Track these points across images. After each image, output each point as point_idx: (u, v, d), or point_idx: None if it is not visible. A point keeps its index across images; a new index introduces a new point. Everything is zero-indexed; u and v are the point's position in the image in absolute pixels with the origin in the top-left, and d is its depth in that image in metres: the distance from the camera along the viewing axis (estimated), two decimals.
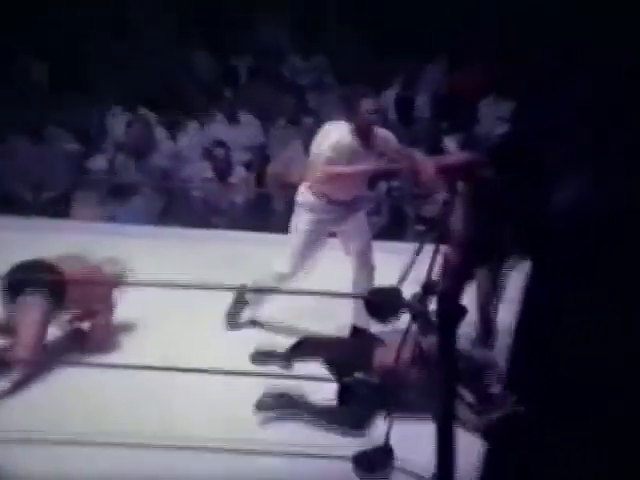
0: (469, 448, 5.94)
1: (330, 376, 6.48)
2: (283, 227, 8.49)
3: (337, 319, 7.11)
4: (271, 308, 7.24)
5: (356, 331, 7.18)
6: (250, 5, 10.75)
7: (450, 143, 7.08)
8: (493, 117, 8.95)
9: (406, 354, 6.15)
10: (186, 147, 9.81)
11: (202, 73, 10.49)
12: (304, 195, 6.99)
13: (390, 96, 10.15)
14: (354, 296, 6.38)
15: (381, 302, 5.80)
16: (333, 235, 7.24)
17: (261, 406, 6.25)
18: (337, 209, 7.00)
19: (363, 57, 10.30)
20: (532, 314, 7.25)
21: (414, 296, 6.16)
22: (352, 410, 6.25)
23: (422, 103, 10.20)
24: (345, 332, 7.09)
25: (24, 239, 8.10)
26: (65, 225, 8.82)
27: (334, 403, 6.24)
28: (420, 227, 8.43)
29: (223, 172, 9.44)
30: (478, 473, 5.97)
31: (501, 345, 6.88)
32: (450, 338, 5.45)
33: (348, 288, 6.94)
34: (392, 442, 5.87)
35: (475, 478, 5.89)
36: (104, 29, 10.17)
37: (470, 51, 9.52)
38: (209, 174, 9.48)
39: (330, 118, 9.82)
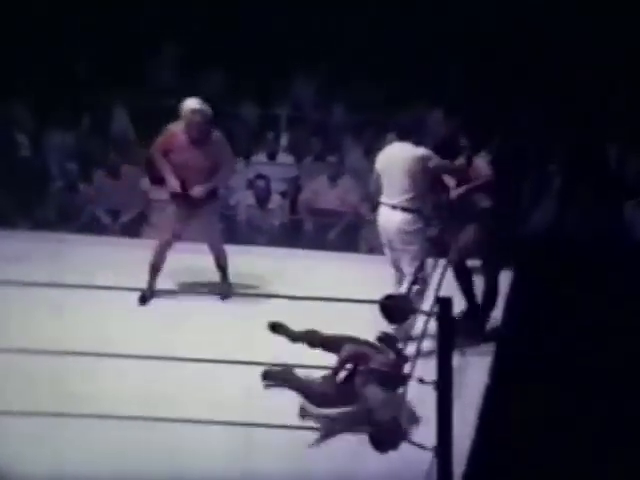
0: (464, 423, 5.91)
1: None
2: (311, 245, 8.60)
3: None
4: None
5: None
6: (287, 65, 10.78)
7: (480, 161, 6.96)
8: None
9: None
10: (233, 179, 9.84)
11: (249, 120, 10.55)
12: None
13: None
14: (372, 302, 6.35)
15: (393, 307, 5.78)
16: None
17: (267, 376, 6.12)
18: None
19: (378, 105, 10.28)
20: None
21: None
22: None
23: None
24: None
25: (105, 252, 8.20)
26: (138, 243, 8.84)
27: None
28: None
29: (263, 200, 9.49)
30: (472, 443, 5.98)
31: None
32: (448, 329, 5.39)
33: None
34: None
35: (469, 448, 5.93)
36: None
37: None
38: (252, 201, 9.52)
39: (350, 157, 9.97)
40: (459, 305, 6.91)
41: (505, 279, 7.40)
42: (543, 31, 10.12)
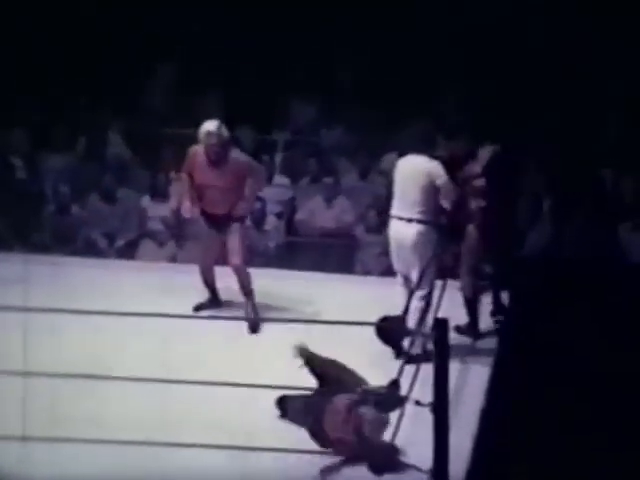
0: (461, 445, 5.90)
1: None
2: (307, 266, 8.60)
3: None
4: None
5: None
6: (285, 90, 10.82)
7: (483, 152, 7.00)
8: None
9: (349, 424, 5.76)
10: None
11: (245, 142, 10.58)
12: None
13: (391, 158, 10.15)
14: (367, 324, 6.34)
15: (389, 329, 5.78)
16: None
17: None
18: None
19: (373, 127, 10.31)
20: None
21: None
22: None
23: None
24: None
25: (101, 275, 8.19)
26: (134, 265, 8.85)
27: None
28: None
29: (259, 221, 9.49)
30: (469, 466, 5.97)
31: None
32: (444, 351, 5.42)
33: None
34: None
35: (466, 471, 5.92)
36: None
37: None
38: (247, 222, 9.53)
39: (346, 178, 9.99)
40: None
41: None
42: (540, 56, 10.17)
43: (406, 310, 6.51)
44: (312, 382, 6.21)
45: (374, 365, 6.53)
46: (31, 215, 9.59)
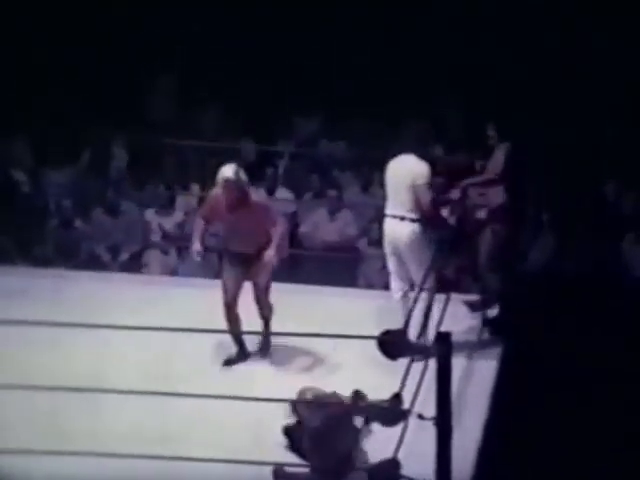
0: (464, 457, 5.89)
1: None
2: (310, 280, 8.58)
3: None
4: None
5: None
6: (288, 104, 10.83)
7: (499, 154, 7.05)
8: None
9: None
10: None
11: (248, 155, 10.58)
12: None
13: None
14: (369, 337, 6.32)
15: (390, 342, 5.76)
16: None
17: None
18: None
19: (375, 140, 10.32)
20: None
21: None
22: None
23: None
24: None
25: (104, 288, 8.17)
26: (137, 279, 8.83)
27: None
28: None
29: None
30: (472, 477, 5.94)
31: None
32: (446, 365, 5.39)
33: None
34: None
35: None
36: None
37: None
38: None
39: (349, 192, 10.00)
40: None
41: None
42: (539, 70, 10.18)
43: (407, 322, 6.48)
44: None
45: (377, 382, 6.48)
46: (34, 229, 9.61)
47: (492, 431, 6.38)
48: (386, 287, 7.84)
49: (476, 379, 6.84)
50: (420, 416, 5.59)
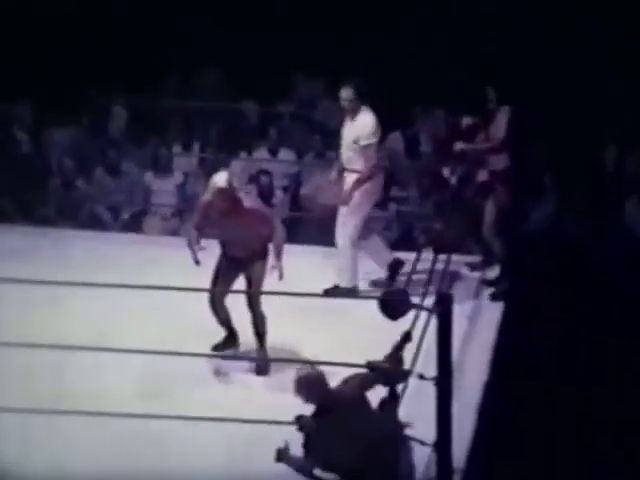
0: (464, 418, 5.87)
1: None
2: (313, 241, 8.56)
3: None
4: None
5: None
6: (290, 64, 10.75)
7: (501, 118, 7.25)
8: None
9: None
10: (235, 174, 9.84)
11: (250, 116, 10.50)
12: None
13: (397, 137, 10.12)
14: (370, 298, 6.27)
15: (392, 302, 5.73)
16: None
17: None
18: None
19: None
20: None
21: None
22: None
23: (425, 140, 10.19)
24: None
25: (105, 248, 8.15)
26: (138, 239, 8.81)
27: None
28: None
29: (267, 196, 9.44)
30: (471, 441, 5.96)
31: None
32: (447, 326, 5.36)
33: None
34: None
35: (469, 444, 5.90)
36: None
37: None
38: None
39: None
40: None
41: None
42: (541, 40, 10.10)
43: (408, 282, 6.49)
44: None
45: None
46: (36, 189, 9.56)
47: (492, 393, 6.40)
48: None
49: (476, 341, 6.83)
50: (421, 376, 5.56)
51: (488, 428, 6.16)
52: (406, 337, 5.73)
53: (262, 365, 6.68)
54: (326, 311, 7.04)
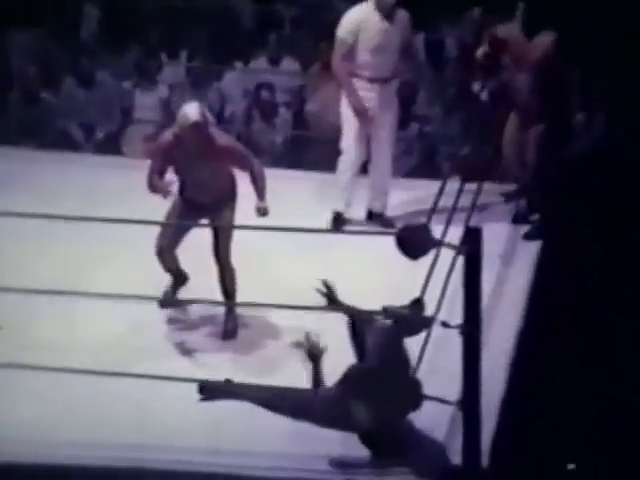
0: (494, 373, 5.87)
1: None
2: (317, 165, 8.51)
3: None
4: None
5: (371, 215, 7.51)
6: None
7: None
8: None
9: None
10: (229, 87, 9.78)
11: (247, 20, 10.43)
12: None
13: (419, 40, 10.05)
14: (385, 233, 6.24)
15: (411, 239, 5.70)
16: None
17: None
18: None
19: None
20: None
21: None
22: None
23: (451, 46, 10.11)
24: None
25: (77, 172, 8.13)
26: (115, 162, 8.74)
27: None
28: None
29: (268, 113, 9.38)
30: (502, 401, 5.94)
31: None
32: (476, 266, 5.34)
33: None
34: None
35: (499, 405, 5.89)
36: None
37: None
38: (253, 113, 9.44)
39: None
40: None
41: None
42: None
43: (430, 216, 6.46)
44: None
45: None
46: None
47: (527, 344, 6.42)
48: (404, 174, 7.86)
49: (509, 285, 6.87)
50: (444, 324, 5.54)
51: (522, 384, 6.21)
52: (417, 303, 5.70)
53: (230, 328, 6.64)
54: (334, 248, 7.01)
